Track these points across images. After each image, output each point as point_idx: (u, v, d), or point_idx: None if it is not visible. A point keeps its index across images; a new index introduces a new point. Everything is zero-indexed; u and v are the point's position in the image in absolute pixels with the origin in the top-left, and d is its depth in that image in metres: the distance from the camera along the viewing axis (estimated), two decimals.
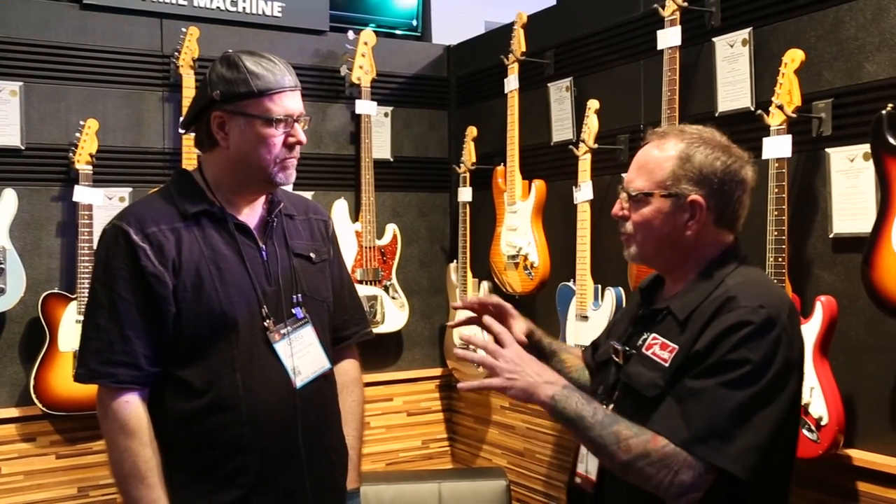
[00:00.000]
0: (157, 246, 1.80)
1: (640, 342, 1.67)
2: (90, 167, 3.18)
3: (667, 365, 1.57)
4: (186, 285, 1.80)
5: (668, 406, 1.53)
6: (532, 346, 1.91)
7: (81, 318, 3.08)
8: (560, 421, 1.57)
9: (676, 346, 1.58)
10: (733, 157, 1.64)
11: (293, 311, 1.92)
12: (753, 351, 1.49)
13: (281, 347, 1.87)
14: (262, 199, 1.96)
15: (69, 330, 3.12)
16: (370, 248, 3.69)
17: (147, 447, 1.78)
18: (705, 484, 1.48)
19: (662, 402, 1.55)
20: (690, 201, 1.61)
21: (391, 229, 3.80)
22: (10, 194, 3.08)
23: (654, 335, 1.65)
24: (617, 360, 1.71)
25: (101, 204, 3.20)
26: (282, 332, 1.88)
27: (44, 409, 3.11)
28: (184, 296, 1.80)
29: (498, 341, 1.63)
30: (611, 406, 1.68)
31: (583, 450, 1.75)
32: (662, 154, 1.65)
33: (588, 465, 1.73)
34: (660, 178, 1.63)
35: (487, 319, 1.74)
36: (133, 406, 1.79)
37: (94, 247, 3.13)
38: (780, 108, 2.31)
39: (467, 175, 3.73)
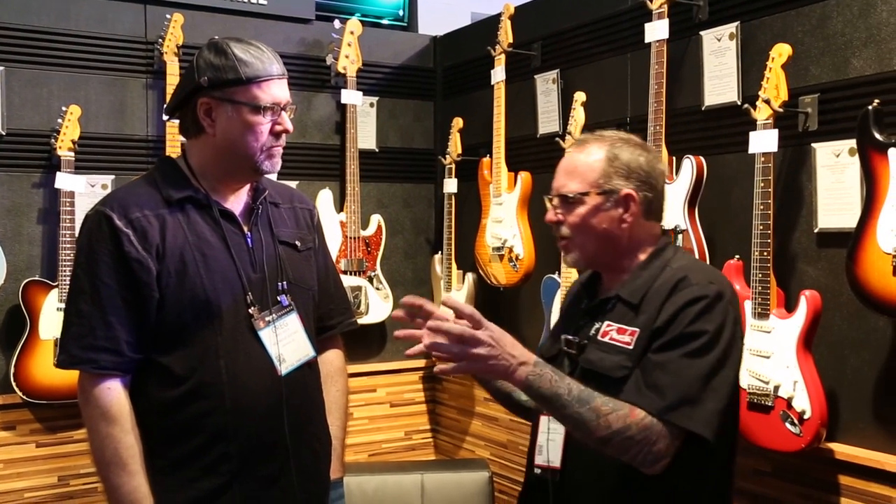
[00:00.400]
0: (141, 231, 1.78)
1: (592, 331, 1.74)
2: (72, 154, 3.15)
3: (631, 348, 1.65)
4: (170, 271, 1.79)
5: (636, 379, 1.61)
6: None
7: (63, 305, 3.07)
8: (535, 399, 1.60)
9: (637, 329, 1.66)
10: (651, 153, 1.78)
11: (278, 298, 1.90)
12: (709, 322, 1.61)
13: (265, 335, 1.86)
14: (247, 186, 1.95)
15: (50, 318, 3.09)
16: (355, 238, 3.68)
17: (129, 434, 1.77)
18: (675, 449, 1.57)
19: (629, 379, 1.62)
20: (624, 195, 1.72)
21: (376, 220, 3.79)
22: None
23: (607, 322, 1.72)
24: (571, 351, 1.76)
25: (84, 191, 3.17)
26: (266, 319, 1.87)
27: (24, 397, 3.08)
28: (167, 282, 1.79)
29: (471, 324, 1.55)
30: None
31: (540, 440, 1.79)
32: (589, 158, 1.75)
33: (549, 454, 1.77)
34: (592, 178, 1.73)
35: (450, 301, 1.58)
36: (115, 393, 1.77)
37: (77, 234, 3.10)
38: (767, 102, 2.31)
39: (453, 166, 3.72)
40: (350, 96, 3.67)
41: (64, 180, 3.12)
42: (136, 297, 1.78)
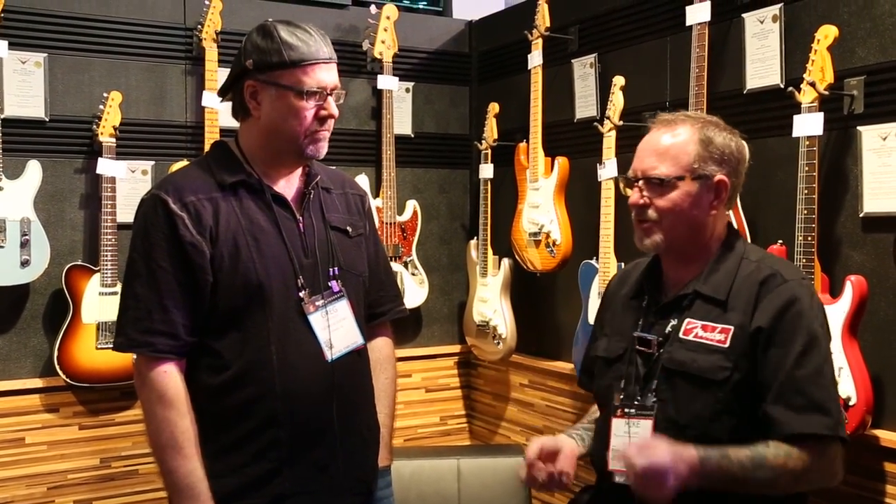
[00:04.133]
0: (195, 215, 1.79)
1: (669, 329, 1.68)
2: (113, 140, 3.18)
3: (727, 346, 1.60)
4: (223, 255, 1.80)
5: (779, 400, 1.57)
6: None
7: (104, 290, 3.11)
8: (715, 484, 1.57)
9: (730, 327, 1.61)
10: (738, 138, 1.74)
11: (329, 284, 1.91)
12: (816, 320, 1.62)
13: (315, 319, 1.87)
14: (299, 171, 1.95)
15: (92, 302, 3.13)
16: (391, 224, 3.69)
17: (185, 418, 1.78)
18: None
19: (772, 398, 1.59)
20: (717, 181, 1.66)
21: (411, 205, 3.80)
22: (35, 166, 3.08)
23: (688, 320, 1.65)
24: (647, 350, 1.71)
25: (125, 177, 3.21)
26: (317, 304, 1.88)
27: (67, 380, 3.12)
28: (220, 265, 1.80)
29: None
30: (651, 395, 1.67)
31: (615, 444, 1.73)
32: (679, 139, 1.69)
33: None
34: (686, 161, 1.67)
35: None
36: (171, 376, 1.79)
37: (117, 219, 3.14)
38: (812, 85, 2.29)
39: (488, 152, 3.72)
40: (386, 82, 3.67)
41: (105, 166, 3.15)
42: (191, 281, 1.79)
